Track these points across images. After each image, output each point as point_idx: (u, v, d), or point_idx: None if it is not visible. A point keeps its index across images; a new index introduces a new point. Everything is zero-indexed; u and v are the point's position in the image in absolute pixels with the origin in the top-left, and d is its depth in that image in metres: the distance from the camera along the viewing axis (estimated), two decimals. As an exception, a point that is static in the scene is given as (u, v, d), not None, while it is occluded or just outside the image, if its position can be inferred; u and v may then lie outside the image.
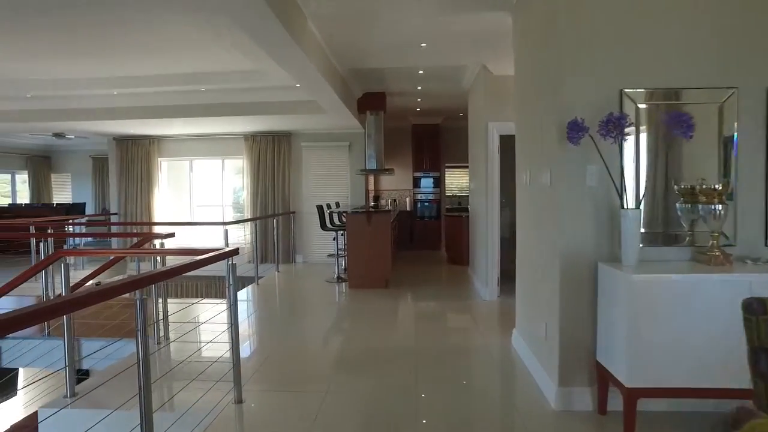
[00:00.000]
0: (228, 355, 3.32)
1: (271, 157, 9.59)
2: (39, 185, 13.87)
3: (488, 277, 6.03)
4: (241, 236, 9.90)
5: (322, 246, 9.59)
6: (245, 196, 9.83)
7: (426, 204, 11.43)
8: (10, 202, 13.30)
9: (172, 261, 3.24)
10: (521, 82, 4.04)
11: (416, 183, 11.40)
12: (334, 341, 4.82)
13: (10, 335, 4.51)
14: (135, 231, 9.52)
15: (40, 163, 13.91)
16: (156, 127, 8.93)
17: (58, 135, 11.78)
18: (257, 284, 7.44)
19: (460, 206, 11.77)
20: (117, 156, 10.07)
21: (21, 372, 5.60)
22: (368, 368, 3.86)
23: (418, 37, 5.23)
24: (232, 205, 10.69)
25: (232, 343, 3.16)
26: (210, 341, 3.92)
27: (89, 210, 12.85)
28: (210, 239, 8.89)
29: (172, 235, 4.41)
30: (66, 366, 3.14)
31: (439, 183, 11.40)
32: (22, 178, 13.83)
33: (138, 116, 7.91)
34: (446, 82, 7.45)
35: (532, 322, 3.71)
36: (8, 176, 13.66)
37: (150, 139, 9.90)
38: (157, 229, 9.73)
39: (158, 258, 4.07)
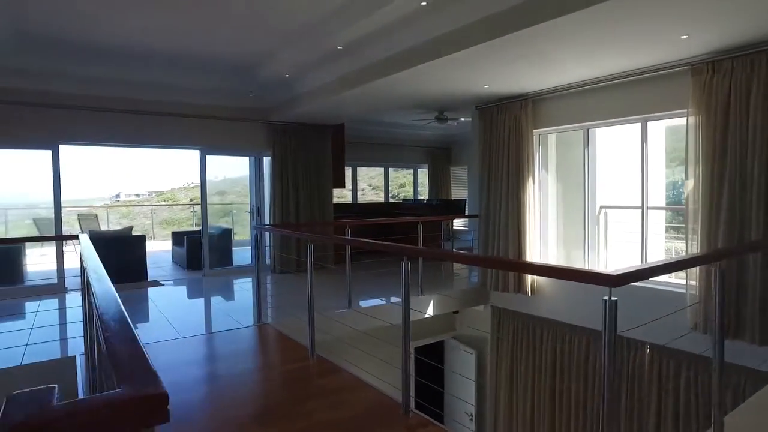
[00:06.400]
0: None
1: (754, 105, 4.18)
2: (438, 180, 12.63)
3: None
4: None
5: None
6: (688, 191, 4.77)
7: None
8: (404, 198, 12.51)
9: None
10: None
11: None
12: None
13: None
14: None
15: (440, 156, 12.63)
16: (527, 74, 5.16)
17: (440, 118, 9.78)
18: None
19: None
20: (480, 132, 6.83)
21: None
22: None
23: None
24: (668, 208, 5.82)
25: None
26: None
27: (470, 209, 10.44)
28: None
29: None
30: None
31: None
32: (424, 173, 12.93)
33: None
34: None
35: None
36: (411, 171, 13.01)
37: (521, 100, 6.14)
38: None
39: None
